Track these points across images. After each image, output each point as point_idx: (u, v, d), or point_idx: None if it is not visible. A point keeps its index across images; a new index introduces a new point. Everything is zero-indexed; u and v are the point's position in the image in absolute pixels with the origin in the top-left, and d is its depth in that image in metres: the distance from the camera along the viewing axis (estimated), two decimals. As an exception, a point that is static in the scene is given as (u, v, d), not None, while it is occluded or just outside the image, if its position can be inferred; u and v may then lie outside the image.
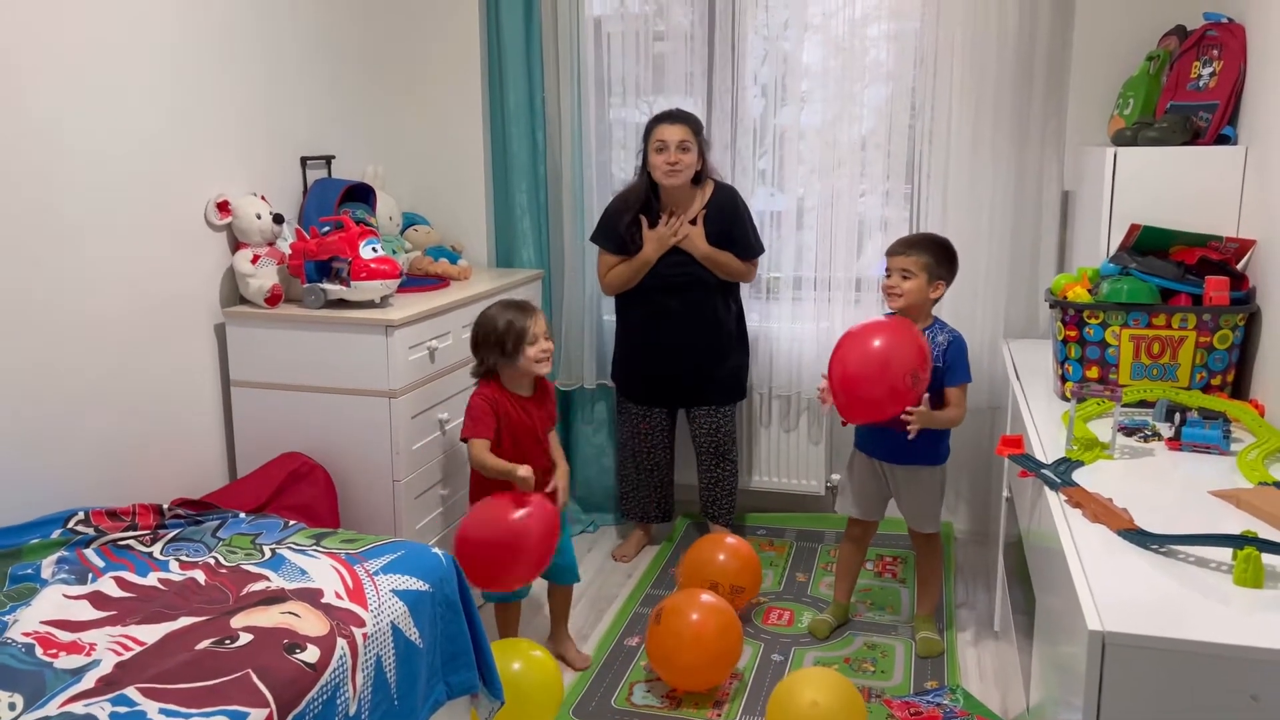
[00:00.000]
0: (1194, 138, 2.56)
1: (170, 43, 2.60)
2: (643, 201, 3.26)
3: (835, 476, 3.73)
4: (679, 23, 3.53)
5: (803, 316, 3.60)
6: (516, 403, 2.68)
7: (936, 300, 2.80)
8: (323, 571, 1.93)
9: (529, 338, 2.63)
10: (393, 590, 1.91)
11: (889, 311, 2.84)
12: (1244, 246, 2.34)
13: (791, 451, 3.74)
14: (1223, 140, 2.53)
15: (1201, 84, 2.61)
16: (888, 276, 2.77)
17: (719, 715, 2.60)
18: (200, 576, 1.93)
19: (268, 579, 1.91)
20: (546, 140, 3.64)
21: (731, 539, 3.11)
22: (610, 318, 3.67)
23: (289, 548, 2.05)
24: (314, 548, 2.05)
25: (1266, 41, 2.39)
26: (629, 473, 3.57)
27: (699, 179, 3.27)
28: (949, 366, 2.75)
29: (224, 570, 1.96)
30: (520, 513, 2.45)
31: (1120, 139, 2.66)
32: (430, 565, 2.02)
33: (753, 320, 3.64)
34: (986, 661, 2.84)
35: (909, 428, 2.64)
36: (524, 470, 2.56)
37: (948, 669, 2.80)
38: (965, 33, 3.23)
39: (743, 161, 3.59)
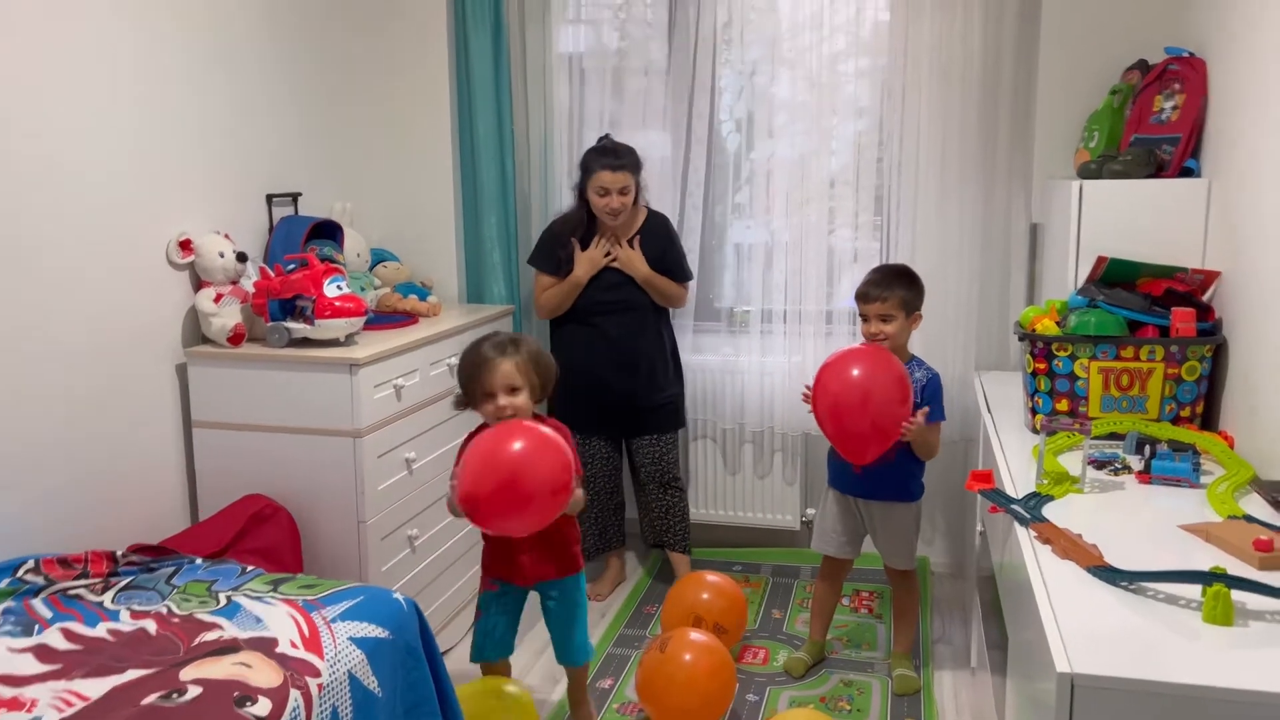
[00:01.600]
0: (1158, 170, 2.58)
1: (132, 78, 2.58)
2: (583, 227, 3.30)
3: (810, 511, 3.70)
4: (655, 58, 3.55)
5: (774, 350, 3.59)
6: None
7: (915, 331, 2.81)
8: (278, 619, 1.87)
9: (484, 390, 2.30)
10: (350, 638, 1.85)
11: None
12: (1209, 278, 2.35)
13: (766, 486, 3.71)
14: (1186, 173, 2.54)
15: (1164, 117, 2.63)
16: (865, 322, 2.74)
17: (692, 759, 2.54)
18: (151, 626, 1.87)
19: (221, 628, 1.85)
20: (516, 175, 3.63)
21: (715, 577, 3.05)
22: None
23: (245, 595, 1.99)
24: (270, 594, 1.99)
25: (1227, 75, 2.41)
26: (587, 510, 3.51)
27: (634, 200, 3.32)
28: (926, 405, 2.73)
29: (176, 619, 1.90)
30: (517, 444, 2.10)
31: (1086, 172, 2.67)
32: (391, 611, 1.97)
33: (723, 354, 3.63)
34: (963, 698, 2.80)
35: (904, 434, 2.60)
36: None
37: (924, 707, 2.75)
38: (932, 68, 3.26)
39: (719, 195, 3.59)
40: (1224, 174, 2.38)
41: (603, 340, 3.31)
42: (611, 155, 3.21)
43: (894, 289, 2.71)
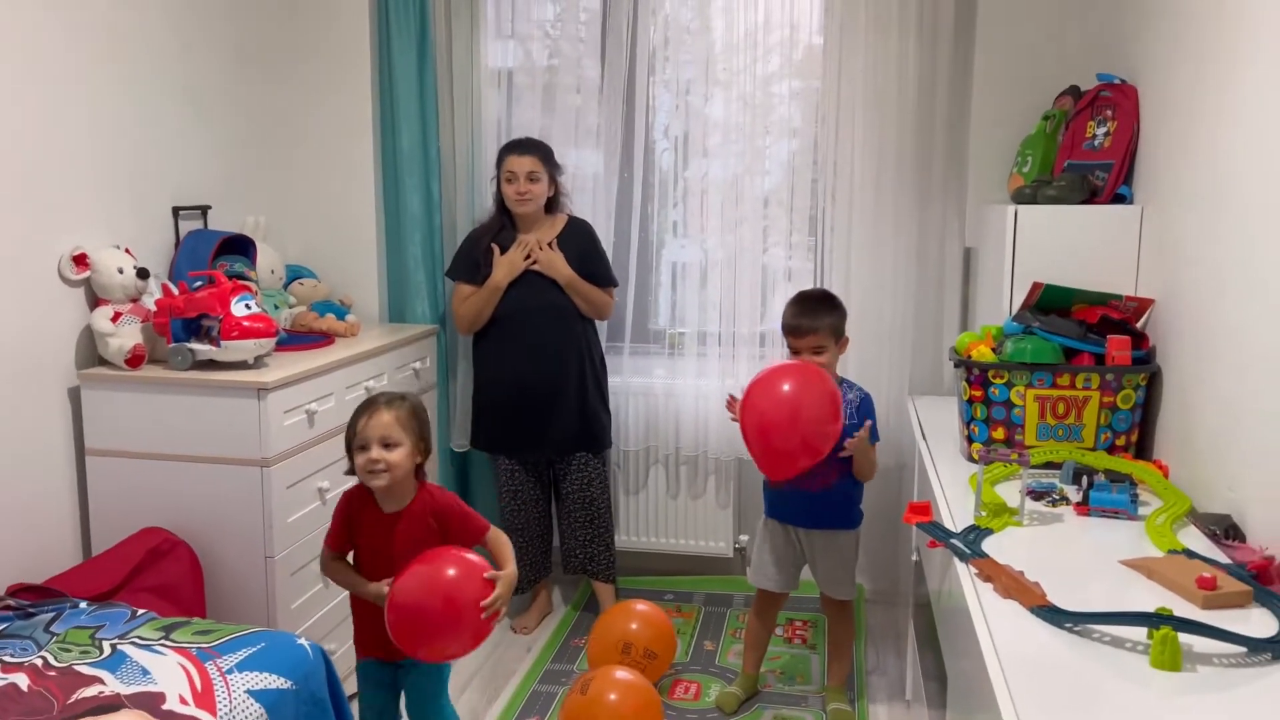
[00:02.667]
0: (1091, 196, 2.57)
1: (21, 80, 2.40)
2: (498, 229, 3.22)
3: (744, 537, 3.62)
4: (588, 75, 3.48)
5: (708, 373, 3.52)
6: (374, 517, 2.16)
7: (843, 354, 2.78)
8: (168, 671, 1.72)
9: (357, 442, 2.11)
10: (249, 690, 1.71)
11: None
12: (1143, 305, 2.33)
13: (699, 512, 3.63)
14: (1119, 199, 2.53)
15: (1097, 143, 2.63)
16: (797, 356, 2.67)
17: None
18: (23, 681, 1.70)
19: (102, 682, 1.69)
20: (442, 191, 3.51)
21: (644, 605, 2.95)
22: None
23: (133, 643, 1.83)
24: (161, 642, 1.83)
25: (1158, 102, 2.41)
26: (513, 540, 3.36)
27: (552, 207, 3.25)
28: (861, 425, 2.68)
29: (53, 673, 1.73)
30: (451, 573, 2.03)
31: (1020, 197, 2.65)
32: (295, 659, 1.83)
33: (657, 377, 3.55)
34: (899, 733, 2.74)
35: (848, 450, 2.58)
36: (378, 587, 2.08)
37: (860, 742, 2.68)
38: (866, 91, 3.24)
39: (654, 213, 3.53)
40: (1156, 200, 2.38)
41: (525, 348, 3.18)
42: (519, 143, 3.19)
43: (822, 318, 2.66)
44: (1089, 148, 2.65)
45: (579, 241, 3.26)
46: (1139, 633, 1.41)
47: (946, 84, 3.19)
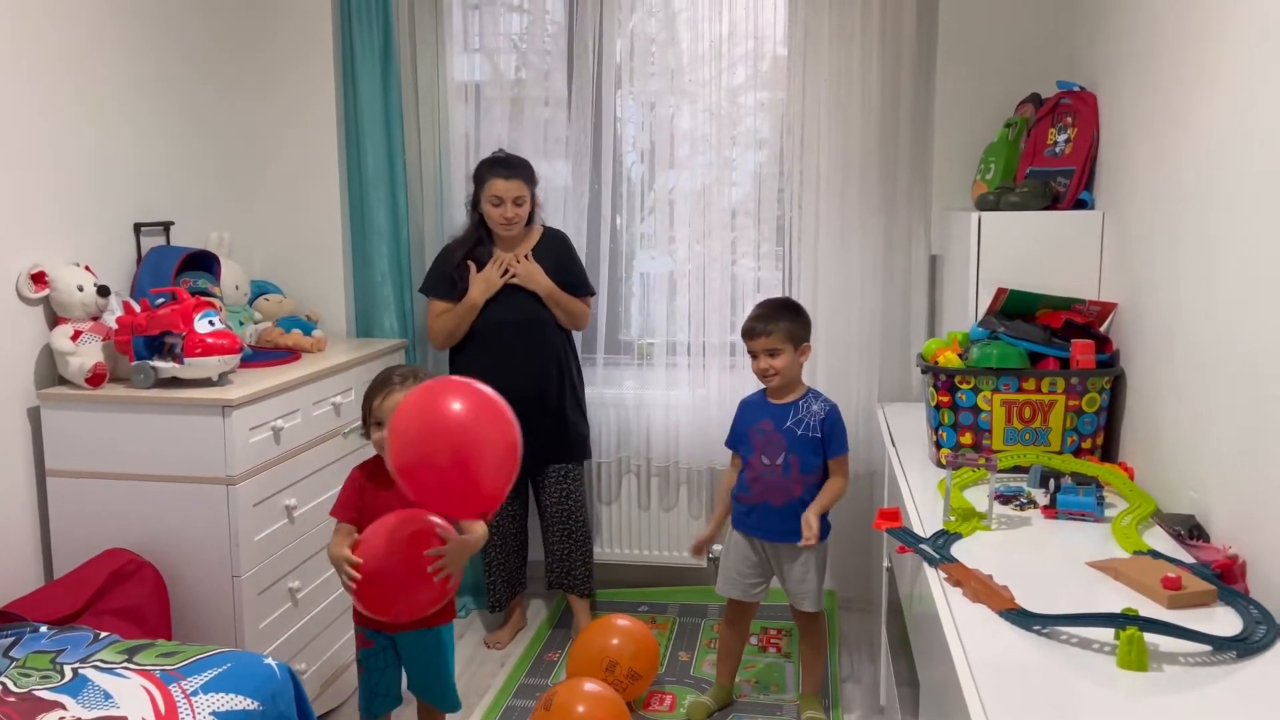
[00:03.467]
0: (1054, 202, 2.60)
1: (-25, 98, 2.36)
2: (474, 243, 3.18)
3: (717, 548, 3.60)
4: (556, 88, 3.48)
5: (678, 383, 3.52)
6: (385, 488, 2.22)
7: (804, 362, 2.77)
8: (130, 695, 1.68)
9: (373, 419, 2.26)
10: (214, 713, 1.68)
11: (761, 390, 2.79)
12: (1106, 309, 2.36)
13: (671, 523, 3.62)
14: (1080, 205, 2.56)
15: (1058, 150, 2.66)
16: (754, 359, 2.71)
17: (596, 818, 2.41)
18: (-20, 708, 1.66)
19: (63, 707, 1.65)
20: (409, 205, 3.49)
21: (625, 620, 2.93)
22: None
23: (94, 666, 1.79)
24: (124, 665, 1.80)
25: (1116, 109, 2.44)
26: (490, 556, 3.34)
27: (529, 219, 3.22)
28: (828, 438, 2.70)
29: (12, 698, 1.69)
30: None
31: (983, 203, 2.68)
32: (261, 679, 1.80)
33: (626, 387, 3.54)
34: (874, 740, 2.74)
35: (806, 541, 2.59)
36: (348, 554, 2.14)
37: (835, 750, 2.68)
38: (830, 101, 3.26)
39: (624, 224, 3.53)
40: (1117, 206, 2.41)
41: (506, 363, 3.11)
42: (504, 165, 3.13)
43: (778, 322, 2.68)
44: (1050, 154, 2.68)
45: (556, 251, 3.25)
46: (1106, 634, 1.42)
47: (910, 93, 3.22)
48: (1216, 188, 1.82)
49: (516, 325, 3.17)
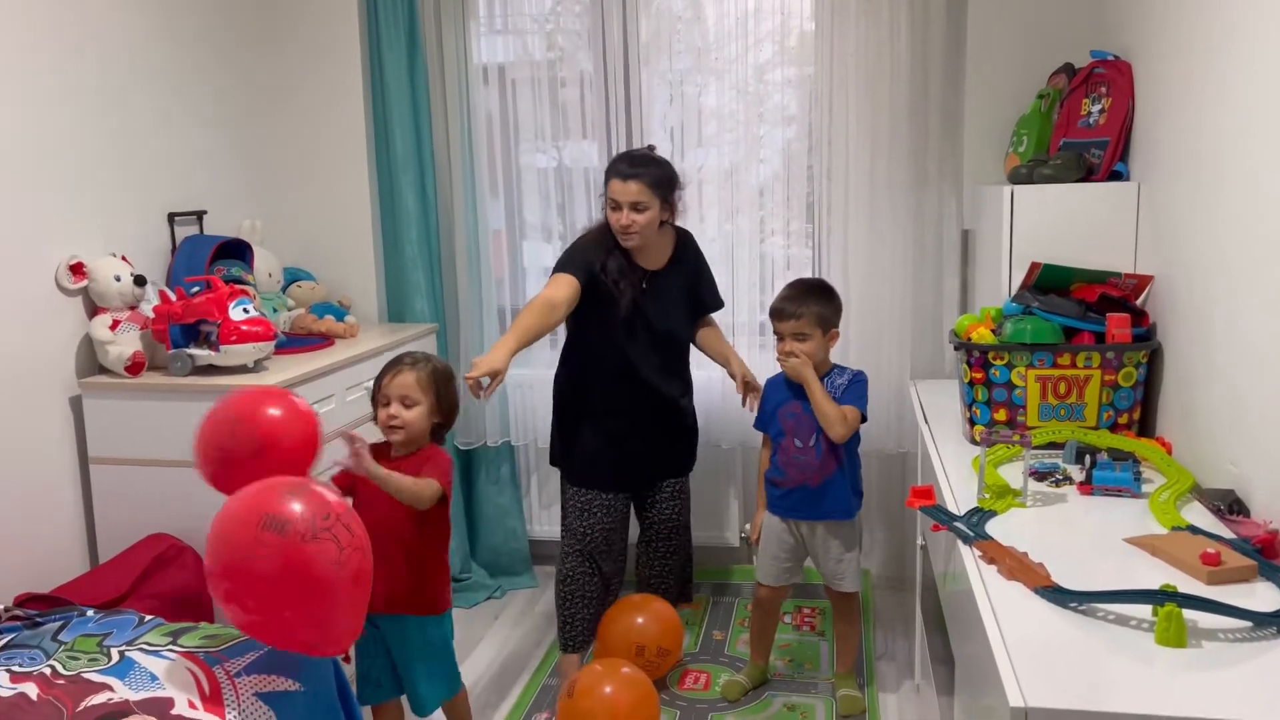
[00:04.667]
0: (1088, 174, 2.56)
1: (13, 89, 2.39)
2: (609, 249, 2.79)
3: (749, 527, 3.62)
4: (584, 68, 3.46)
5: (708, 363, 3.50)
6: (383, 461, 2.27)
7: (832, 347, 2.73)
8: (176, 676, 1.72)
9: (380, 397, 2.31)
10: (257, 694, 1.71)
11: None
12: (1142, 282, 2.32)
13: (704, 503, 3.62)
14: (1115, 176, 2.52)
15: (1092, 121, 2.62)
16: (780, 340, 2.65)
17: (633, 795, 2.43)
18: (32, 691, 1.70)
19: (111, 689, 1.69)
20: (437, 188, 3.50)
21: (641, 598, 2.94)
22: (515, 370, 3.51)
23: (140, 649, 1.83)
24: (169, 647, 1.84)
25: (1152, 78, 2.40)
26: (582, 589, 2.92)
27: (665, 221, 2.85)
28: (843, 395, 2.66)
29: (61, 681, 1.73)
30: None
31: (1016, 177, 2.64)
32: (303, 661, 1.82)
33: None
34: (909, 716, 2.74)
35: (790, 358, 2.58)
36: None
37: (870, 727, 2.69)
38: (859, 75, 3.22)
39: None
40: (1153, 177, 2.36)
41: (647, 395, 2.90)
42: (625, 162, 2.75)
43: (808, 304, 2.61)
44: (1084, 125, 2.64)
45: (692, 263, 2.99)
46: (1144, 610, 1.41)
47: (940, 65, 3.18)
48: (1255, 156, 1.78)
49: (655, 352, 2.89)
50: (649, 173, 2.72)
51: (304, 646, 1.67)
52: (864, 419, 2.67)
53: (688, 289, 2.98)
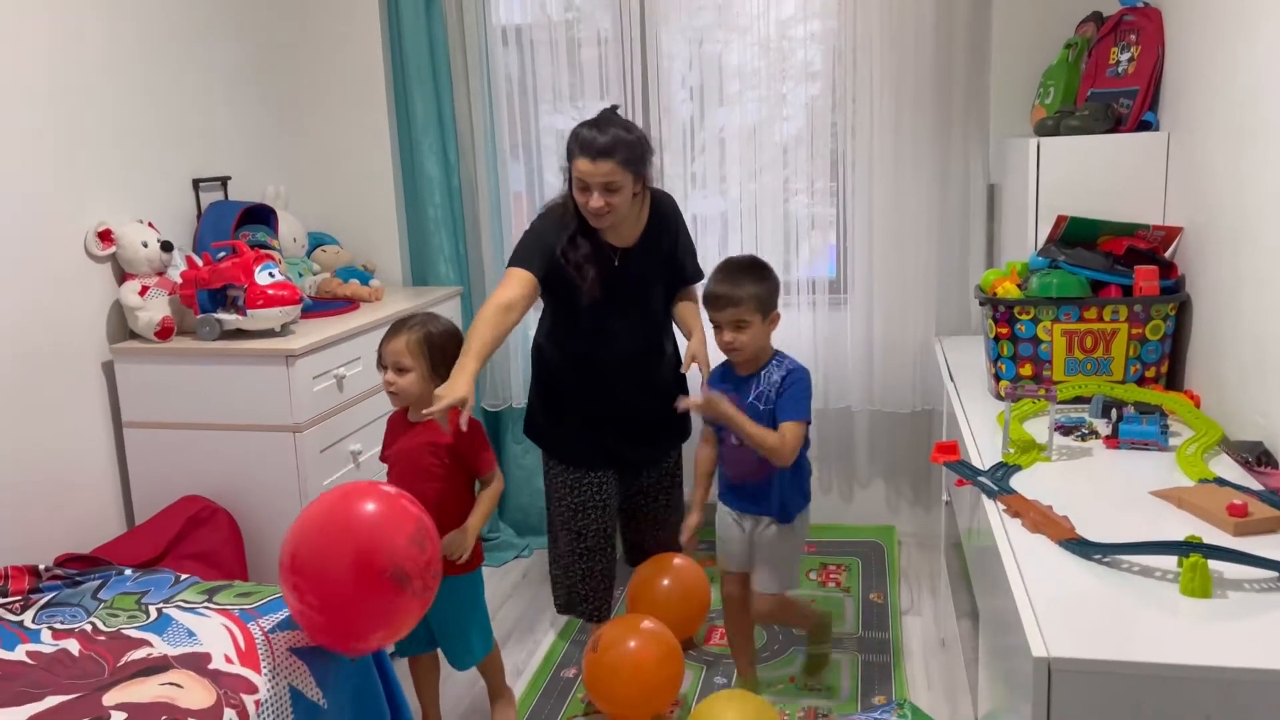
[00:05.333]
0: (1116, 125, 2.51)
1: (42, 59, 2.41)
2: (573, 231, 2.56)
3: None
4: (603, 27, 3.43)
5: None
6: (406, 425, 2.34)
7: (773, 330, 2.45)
8: (212, 632, 1.76)
9: (380, 360, 2.32)
10: (291, 649, 1.75)
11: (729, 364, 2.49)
12: (1171, 234, 2.29)
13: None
14: (1144, 126, 2.48)
15: (1120, 70, 2.57)
16: (718, 330, 2.39)
17: (661, 747, 2.48)
18: (74, 646, 1.75)
19: (150, 644, 1.74)
20: (459, 152, 3.50)
21: (680, 560, 2.89)
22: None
23: (177, 606, 1.88)
24: (205, 605, 1.88)
25: (1183, 25, 2.34)
26: (568, 559, 2.86)
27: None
28: (780, 400, 2.37)
29: (102, 637, 1.78)
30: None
31: (1042, 129, 2.60)
32: (335, 616, 1.86)
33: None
34: (934, 672, 2.75)
35: (680, 404, 2.40)
36: None
37: (895, 680, 2.71)
38: (883, 28, 3.17)
39: (674, 166, 3.47)
40: (1182, 127, 2.32)
41: (612, 387, 2.72)
42: (591, 141, 2.43)
43: (744, 287, 2.33)
44: (1112, 75, 2.59)
45: (670, 232, 2.73)
46: (1169, 562, 1.41)
47: (965, 15, 3.12)
48: (1289, 102, 1.74)
49: (630, 362, 2.72)
50: (621, 149, 2.42)
51: (337, 647, 1.77)
52: (809, 422, 2.41)
53: (665, 260, 2.71)
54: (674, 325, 2.83)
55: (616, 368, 2.71)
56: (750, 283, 2.36)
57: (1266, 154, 1.83)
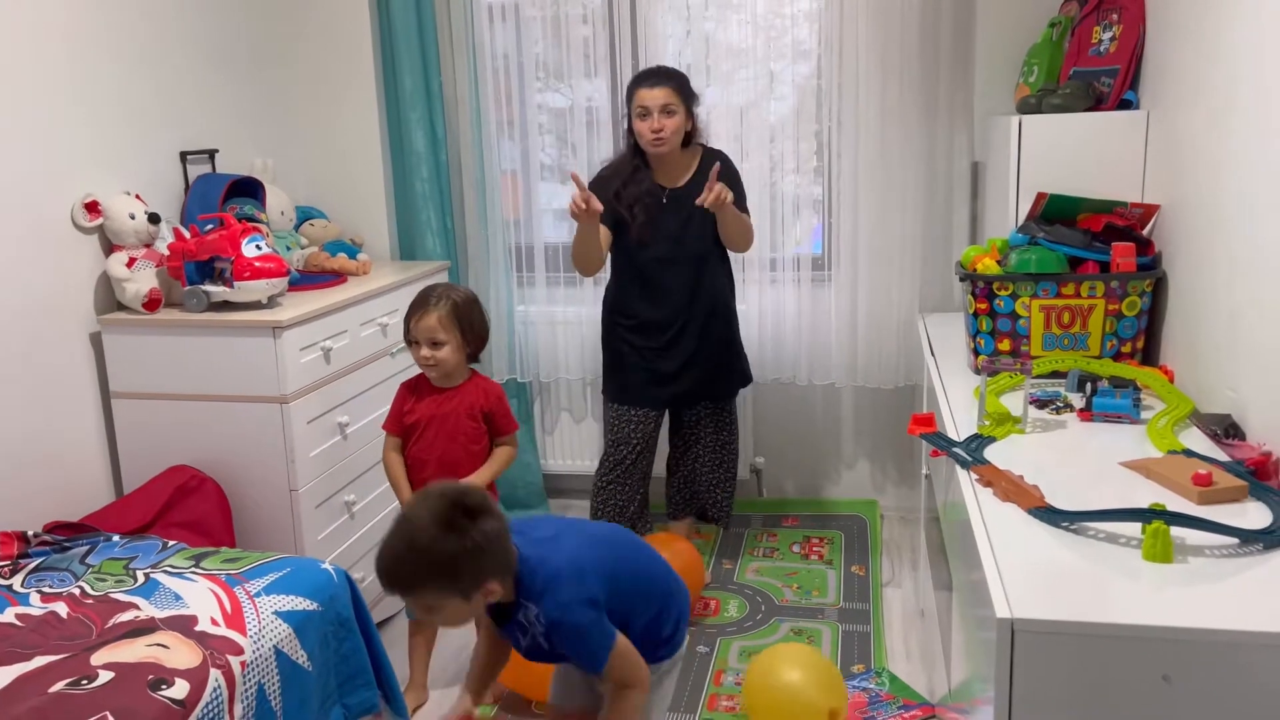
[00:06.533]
0: (1097, 103, 2.53)
1: (26, 30, 2.41)
2: (630, 171, 2.92)
3: (759, 460, 3.67)
4: (593, 6, 3.42)
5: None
6: (432, 390, 2.45)
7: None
8: (199, 596, 1.79)
9: (410, 338, 2.41)
10: (276, 612, 1.78)
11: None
12: (1148, 212, 2.32)
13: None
14: (1125, 105, 2.50)
15: (1102, 49, 2.59)
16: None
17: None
18: (63, 609, 1.78)
19: (137, 608, 1.77)
20: (446, 126, 3.50)
21: (676, 540, 2.96)
22: (524, 308, 3.58)
23: (164, 571, 1.90)
24: (192, 570, 1.91)
25: (1164, 5, 2.36)
26: (613, 497, 3.10)
27: (688, 141, 2.95)
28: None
29: (89, 601, 1.81)
30: None
31: (1025, 107, 2.62)
32: (320, 582, 1.90)
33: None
34: (913, 642, 2.80)
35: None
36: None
37: (874, 650, 2.75)
38: (870, 7, 3.18)
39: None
40: (1162, 105, 2.35)
41: (666, 303, 2.95)
42: (651, 74, 2.89)
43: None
44: (1095, 54, 2.61)
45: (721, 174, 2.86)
46: (1134, 529, 1.44)
47: (952, -6, 3.13)
48: (1266, 84, 1.76)
49: (678, 264, 2.94)
50: (676, 77, 2.89)
51: None
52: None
53: None
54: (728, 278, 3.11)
55: (668, 300, 2.96)
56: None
57: (1243, 134, 1.86)
